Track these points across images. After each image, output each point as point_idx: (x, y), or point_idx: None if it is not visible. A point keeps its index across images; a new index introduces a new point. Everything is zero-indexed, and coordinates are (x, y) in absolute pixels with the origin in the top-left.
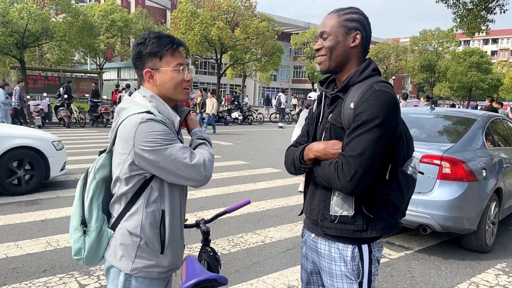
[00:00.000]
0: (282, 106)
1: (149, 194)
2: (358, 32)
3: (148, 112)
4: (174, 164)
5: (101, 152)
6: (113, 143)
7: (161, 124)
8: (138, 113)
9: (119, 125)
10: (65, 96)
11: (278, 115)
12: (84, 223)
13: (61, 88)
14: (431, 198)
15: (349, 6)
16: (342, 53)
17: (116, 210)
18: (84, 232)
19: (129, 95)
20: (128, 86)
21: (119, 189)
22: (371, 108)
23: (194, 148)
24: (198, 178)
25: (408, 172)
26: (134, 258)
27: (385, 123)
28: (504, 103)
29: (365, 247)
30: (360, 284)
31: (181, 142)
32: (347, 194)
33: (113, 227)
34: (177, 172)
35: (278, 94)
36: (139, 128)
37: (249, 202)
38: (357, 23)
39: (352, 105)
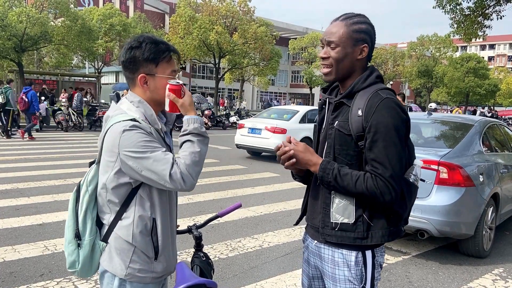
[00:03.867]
0: None
1: (138, 203)
2: (365, 45)
3: (133, 119)
4: (155, 175)
5: (91, 164)
6: (101, 151)
7: (144, 132)
8: (123, 120)
9: (106, 133)
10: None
11: None
12: (78, 236)
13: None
14: (429, 203)
15: (357, 14)
16: (348, 65)
17: (107, 218)
18: (78, 245)
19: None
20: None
21: (106, 196)
22: (385, 119)
23: (181, 146)
24: (179, 188)
25: (410, 179)
26: (129, 263)
27: (401, 128)
28: (501, 108)
29: (368, 253)
30: None
31: (169, 146)
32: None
33: (106, 236)
34: (159, 182)
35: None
36: (123, 135)
37: (240, 206)
38: (365, 35)
39: (360, 112)
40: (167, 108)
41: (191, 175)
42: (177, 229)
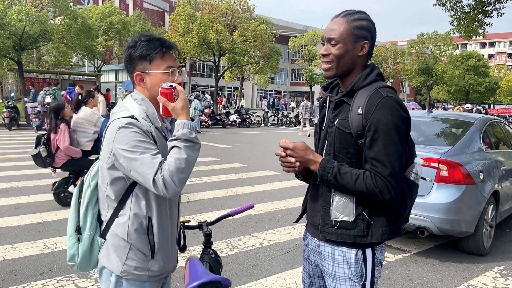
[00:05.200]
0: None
1: (134, 201)
2: (366, 41)
3: (132, 117)
4: (141, 177)
5: (97, 159)
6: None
7: (139, 131)
8: (122, 117)
9: (107, 129)
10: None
11: (275, 118)
12: (78, 230)
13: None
14: (429, 201)
15: (358, 11)
16: (349, 61)
17: (104, 215)
18: (78, 239)
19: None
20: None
21: (105, 191)
22: (385, 117)
23: (169, 151)
24: (162, 194)
25: (411, 178)
26: (125, 260)
27: (401, 126)
28: (501, 106)
29: (368, 251)
30: (363, 286)
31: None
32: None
33: (104, 232)
34: (144, 184)
35: (264, 100)
36: (118, 132)
37: (252, 206)
38: (366, 31)
39: (360, 111)
40: (161, 112)
41: (174, 182)
42: (188, 224)
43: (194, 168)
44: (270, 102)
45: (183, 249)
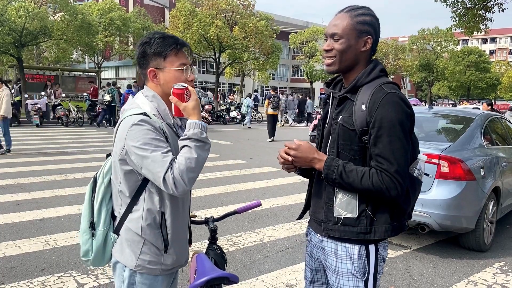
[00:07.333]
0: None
1: (147, 197)
2: (369, 36)
3: (143, 113)
4: (151, 174)
5: (108, 155)
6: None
7: (151, 128)
8: (134, 114)
9: (119, 125)
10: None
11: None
12: (92, 226)
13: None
14: (430, 197)
15: (362, 6)
16: (352, 57)
17: (118, 211)
18: (92, 235)
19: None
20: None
21: (119, 186)
22: (389, 114)
23: (180, 150)
24: (171, 193)
25: (414, 174)
26: (139, 255)
27: (405, 122)
28: (502, 102)
29: (371, 247)
30: (366, 282)
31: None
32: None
33: (118, 228)
34: (155, 182)
35: (255, 94)
36: (130, 129)
37: (260, 205)
38: (369, 27)
39: (363, 107)
40: (173, 112)
41: (183, 181)
42: (194, 219)
43: None
44: (253, 98)
45: (189, 243)
